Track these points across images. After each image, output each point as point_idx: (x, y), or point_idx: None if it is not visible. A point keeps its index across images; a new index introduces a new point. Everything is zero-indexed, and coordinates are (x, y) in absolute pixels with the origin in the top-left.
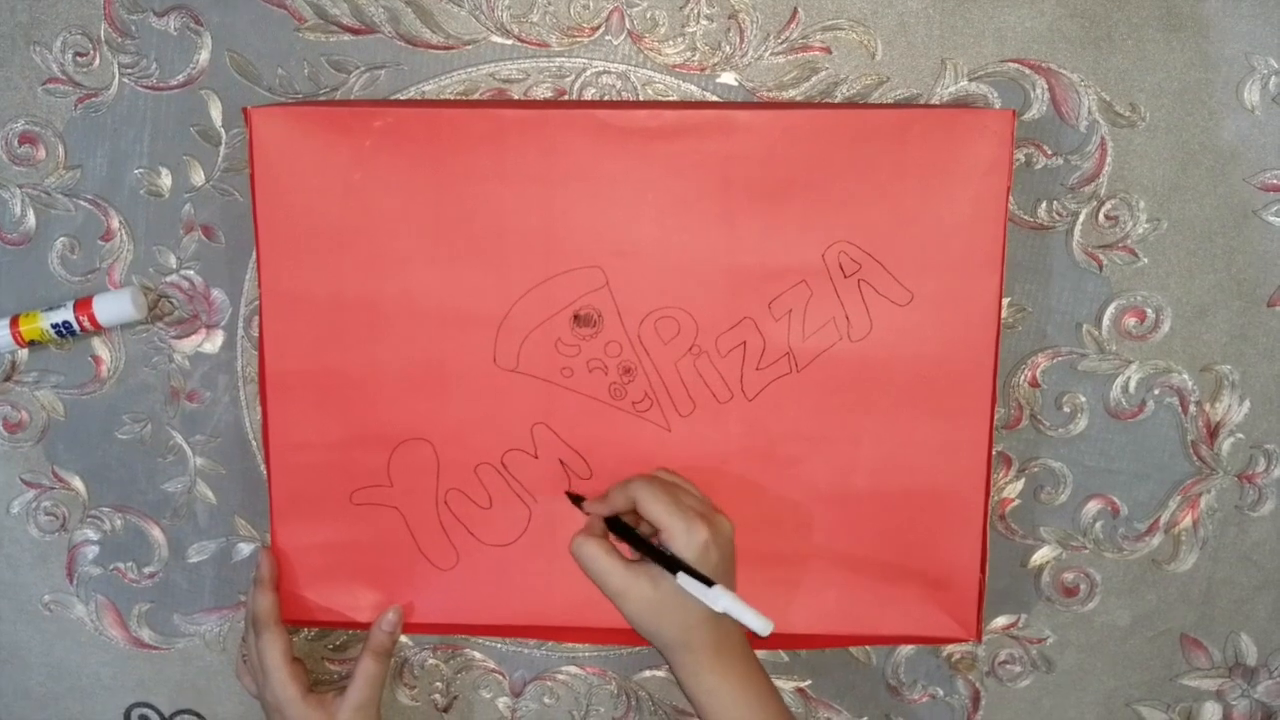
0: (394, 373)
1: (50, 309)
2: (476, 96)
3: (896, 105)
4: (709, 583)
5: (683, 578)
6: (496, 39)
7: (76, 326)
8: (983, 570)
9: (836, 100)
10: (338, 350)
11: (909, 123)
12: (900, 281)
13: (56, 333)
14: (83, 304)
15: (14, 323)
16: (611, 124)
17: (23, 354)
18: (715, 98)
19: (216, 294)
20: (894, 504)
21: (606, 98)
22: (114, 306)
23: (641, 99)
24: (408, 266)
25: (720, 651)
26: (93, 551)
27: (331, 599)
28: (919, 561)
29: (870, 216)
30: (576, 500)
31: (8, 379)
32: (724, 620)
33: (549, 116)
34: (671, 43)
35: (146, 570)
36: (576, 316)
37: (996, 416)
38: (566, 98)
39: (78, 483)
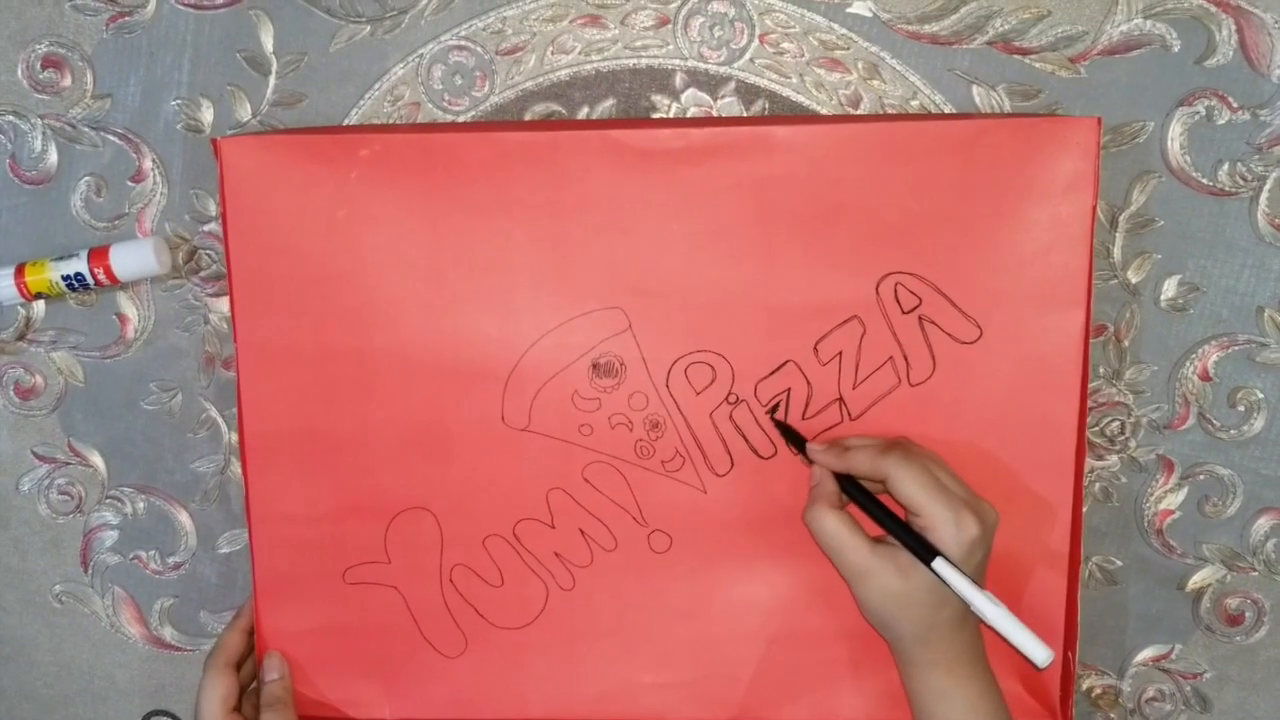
0: (389, 435)
1: (61, 258)
2: (567, 22)
3: (960, 116)
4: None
5: (951, 577)
6: None
7: (90, 279)
8: (1070, 649)
9: (988, 37)
10: (325, 410)
11: (976, 134)
12: (967, 316)
13: (68, 285)
14: (98, 254)
15: (19, 272)
16: (630, 145)
17: (39, 309)
18: (843, 29)
19: None
20: None
21: (716, 28)
22: (133, 258)
23: (758, 31)
24: (401, 314)
25: (960, 654)
26: (111, 537)
27: (323, 691)
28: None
29: (931, 243)
30: (790, 434)
31: (20, 337)
32: (969, 621)
33: (558, 139)
34: None
35: (171, 560)
36: (595, 366)
37: (1158, 414)
38: (669, 27)
39: (96, 458)
